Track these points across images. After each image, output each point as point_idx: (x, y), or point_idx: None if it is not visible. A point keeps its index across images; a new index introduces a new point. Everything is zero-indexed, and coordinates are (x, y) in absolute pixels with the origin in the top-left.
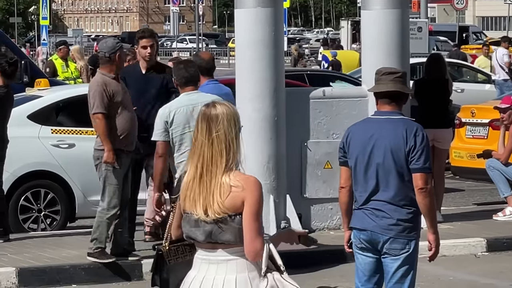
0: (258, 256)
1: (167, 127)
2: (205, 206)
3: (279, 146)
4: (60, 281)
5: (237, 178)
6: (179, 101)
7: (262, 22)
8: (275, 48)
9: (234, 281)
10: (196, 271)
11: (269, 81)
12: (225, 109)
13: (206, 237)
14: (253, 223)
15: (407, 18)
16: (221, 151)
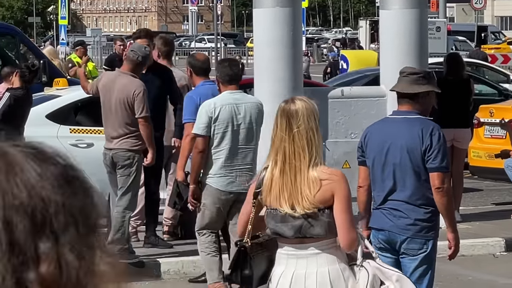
0: (353, 246)
1: (210, 122)
2: (292, 202)
3: None
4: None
5: (324, 171)
6: (224, 98)
7: (280, 22)
8: (293, 48)
9: (327, 273)
10: (283, 267)
11: (287, 81)
12: (304, 104)
13: (295, 232)
14: (346, 215)
15: (426, 18)
16: (303, 146)
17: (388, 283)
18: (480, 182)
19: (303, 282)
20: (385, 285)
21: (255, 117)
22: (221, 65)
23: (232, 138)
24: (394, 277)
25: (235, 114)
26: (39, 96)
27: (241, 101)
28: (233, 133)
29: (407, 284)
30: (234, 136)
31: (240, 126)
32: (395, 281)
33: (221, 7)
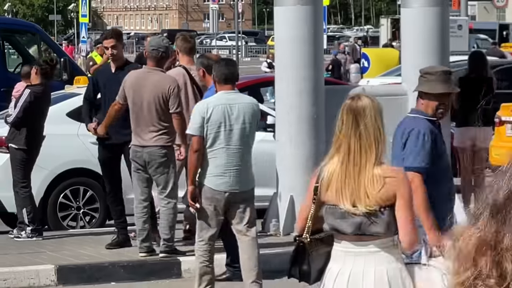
0: (414, 245)
1: (203, 122)
2: (353, 199)
3: (318, 143)
4: (99, 278)
5: (387, 169)
6: (218, 98)
7: (301, 20)
8: (314, 46)
9: (385, 271)
10: (340, 264)
11: (309, 79)
12: (370, 102)
13: (355, 229)
14: (408, 214)
15: (447, 16)
16: (370, 144)
17: None
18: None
19: (360, 280)
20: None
21: (249, 117)
22: (218, 65)
23: (225, 138)
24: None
25: (227, 114)
26: (60, 94)
27: (234, 102)
28: (226, 133)
29: None
30: (227, 136)
31: (233, 127)
32: None
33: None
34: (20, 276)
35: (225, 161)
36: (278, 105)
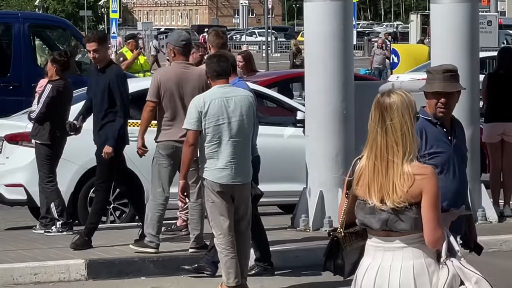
0: (438, 245)
1: (200, 117)
2: (382, 195)
3: (347, 140)
4: (129, 273)
5: (417, 166)
6: (213, 92)
7: (331, 16)
8: (344, 42)
9: (411, 267)
10: (370, 259)
11: (338, 75)
12: (400, 98)
13: (382, 225)
14: (433, 213)
15: (477, 12)
16: (397, 140)
17: (468, 284)
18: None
19: (387, 275)
20: (464, 285)
21: (245, 109)
22: (210, 61)
23: (224, 131)
24: (474, 278)
25: (225, 107)
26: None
27: (230, 95)
28: (224, 126)
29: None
30: (225, 129)
31: (231, 119)
32: (474, 283)
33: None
34: (50, 271)
35: (226, 154)
36: (307, 101)
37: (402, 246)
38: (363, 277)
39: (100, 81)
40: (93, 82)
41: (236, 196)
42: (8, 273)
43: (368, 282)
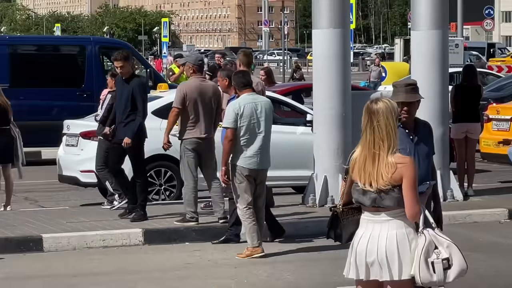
0: (417, 218)
1: (237, 117)
2: (370, 180)
3: (346, 136)
4: (176, 239)
5: (398, 157)
6: (244, 98)
7: (333, 40)
8: (343, 60)
9: (395, 235)
10: (363, 229)
11: (339, 86)
12: (385, 105)
13: (372, 202)
14: (412, 193)
15: (447, 37)
16: (382, 137)
17: (440, 248)
18: (489, 165)
19: (376, 241)
20: (438, 249)
21: (268, 111)
22: (236, 76)
23: (253, 128)
24: (446, 243)
25: (254, 110)
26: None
27: (257, 100)
28: (254, 124)
29: (455, 250)
30: (255, 126)
31: (259, 119)
32: (446, 247)
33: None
34: (115, 238)
35: (253, 146)
36: (315, 106)
37: (388, 219)
38: (358, 243)
39: (124, 89)
40: (118, 90)
41: (258, 178)
42: (82, 239)
43: (361, 247)
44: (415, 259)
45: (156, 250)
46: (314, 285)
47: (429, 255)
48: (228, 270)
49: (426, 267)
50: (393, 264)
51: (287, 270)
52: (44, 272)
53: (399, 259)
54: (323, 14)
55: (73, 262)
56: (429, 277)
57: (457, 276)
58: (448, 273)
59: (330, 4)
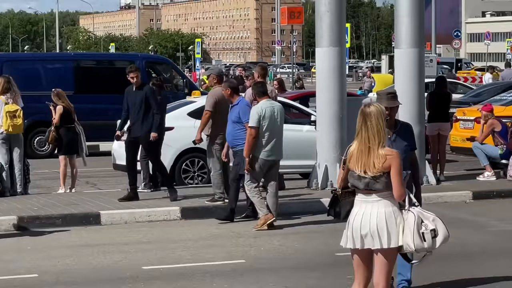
0: (402, 197)
1: (260, 119)
2: (365, 168)
3: (342, 132)
4: (207, 216)
5: (387, 150)
6: (264, 103)
7: (332, 56)
8: (340, 72)
9: (384, 213)
10: (358, 208)
11: (337, 93)
12: (376, 108)
13: (365, 186)
14: (399, 178)
15: (423, 54)
16: (374, 134)
17: (426, 222)
18: (457, 156)
19: (369, 217)
20: (424, 222)
21: (282, 114)
22: (256, 86)
23: (272, 127)
24: (431, 217)
25: (273, 112)
26: (183, 102)
27: (274, 105)
28: (272, 124)
29: (440, 223)
30: (273, 126)
31: (277, 120)
32: (432, 220)
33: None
34: (158, 214)
35: (273, 141)
36: (318, 109)
37: (378, 199)
38: (354, 219)
39: (138, 95)
40: (132, 97)
41: (274, 167)
42: (132, 215)
43: (357, 223)
44: (407, 232)
45: (191, 224)
46: (317, 252)
47: (420, 227)
48: (248, 240)
49: (419, 237)
50: (383, 235)
51: (295, 240)
52: (101, 241)
53: (387, 231)
54: (324, 36)
55: (124, 233)
56: (421, 244)
57: (442, 242)
58: (435, 240)
59: (329, 28)
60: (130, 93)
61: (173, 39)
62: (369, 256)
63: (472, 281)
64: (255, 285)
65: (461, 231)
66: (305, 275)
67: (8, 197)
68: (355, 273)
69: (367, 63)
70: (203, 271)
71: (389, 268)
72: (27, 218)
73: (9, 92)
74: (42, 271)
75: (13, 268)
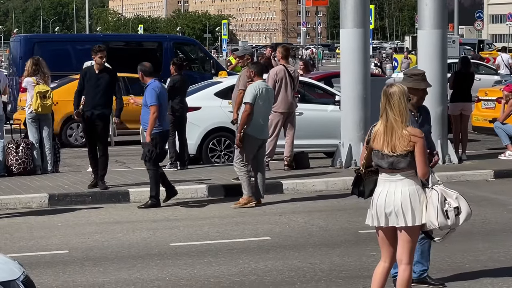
0: (426, 176)
1: (256, 97)
2: (389, 147)
3: (366, 112)
4: (231, 194)
5: (411, 130)
6: (259, 83)
7: (357, 37)
8: (364, 53)
9: (408, 191)
10: (381, 187)
11: (361, 73)
12: (398, 88)
13: (389, 165)
14: (423, 157)
15: (446, 35)
16: (397, 114)
17: (450, 199)
18: (479, 136)
19: (393, 196)
20: (447, 200)
21: (273, 94)
22: (254, 66)
23: (265, 106)
24: (454, 195)
25: (266, 92)
26: (210, 82)
27: (268, 86)
28: (265, 103)
29: (463, 201)
30: (265, 104)
31: (269, 99)
32: (455, 198)
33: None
34: (186, 191)
35: (265, 121)
36: (342, 89)
37: (401, 178)
38: (378, 198)
39: (102, 77)
40: (93, 78)
41: (260, 147)
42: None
43: (381, 201)
44: (431, 209)
45: (217, 202)
46: (340, 229)
47: (443, 205)
48: (273, 217)
49: (443, 215)
50: (407, 213)
51: (319, 217)
52: (130, 218)
53: (411, 209)
54: (348, 17)
55: (152, 211)
56: (445, 222)
57: (465, 219)
58: (458, 218)
59: (354, 9)
60: (90, 75)
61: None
62: (393, 234)
63: (492, 258)
64: (280, 261)
65: (482, 209)
66: (329, 252)
67: (39, 175)
68: (381, 250)
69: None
70: (229, 248)
71: (412, 245)
72: (57, 196)
73: (38, 73)
74: (72, 247)
75: (44, 244)
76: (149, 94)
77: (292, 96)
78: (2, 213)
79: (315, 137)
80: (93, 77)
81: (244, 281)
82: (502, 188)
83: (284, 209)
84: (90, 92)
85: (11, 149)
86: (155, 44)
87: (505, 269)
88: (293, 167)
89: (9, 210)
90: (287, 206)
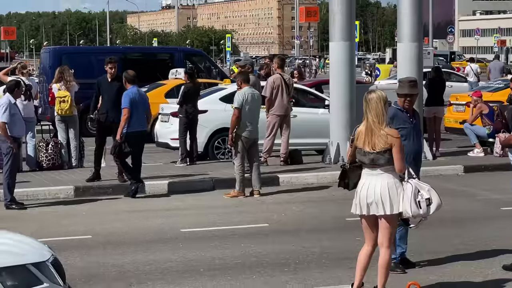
0: (402, 171)
1: (243, 101)
2: (369, 145)
3: (352, 115)
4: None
5: (389, 130)
6: (246, 90)
7: (344, 50)
8: (350, 64)
9: (386, 184)
10: (364, 180)
11: (347, 81)
12: (376, 95)
13: (370, 161)
14: (400, 154)
15: (422, 47)
16: (375, 117)
17: (422, 191)
18: (450, 135)
19: (373, 188)
20: (420, 192)
21: (259, 99)
22: (241, 74)
23: (252, 109)
24: (426, 188)
25: (252, 98)
26: (216, 88)
27: (254, 92)
28: (253, 107)
29: (434, 193)
30: (253, 108)
31: (256, 103)
32: (427, 190)
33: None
34: (195, 184)
35: (253, 123)
36: (331, 95)
37: (381, 173)
38: (361, 190)
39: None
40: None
41: (253, 145)
42: (172, 185)
43: (363, 193)
44: (406, 200)
45: (222, 193)
46: (331, 218)
47: (416, 197)
48: (271, 206)
49: (415, 205)
50: (386, 203)
51: (312, 207)
52: (145, 208)
53: (390, 199)
54: (336, 32)
55: (165, 201)
56: (417, 211)
57: (435, 209)
58: (429, 208)
59: (341, 25)
60: (104, 83)
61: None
62: (374, 221)
63: (463, 242)
64: (277, 245)
65: (453, 200)
66: (320, 237)
67: (66, 169)
68: (365, 235)
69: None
70: (232, 233)
71: (392, 230)
72: (82, 188)
73: (62, 81)
74: (95, 233)
75: (71, 230)
76: (124, 98)
77: (288, 101)
78: (33, 203)
79: (307, 136)
80: (106, 84)
81: (245, 262)
82: (471, 181)
83: (281, 200)
84: (104, 98)
85: (41, 147)
86: (167, 55)
87: (474, 252)
88: (288, 162)
89: (40, 201)
90: (283, 197)
